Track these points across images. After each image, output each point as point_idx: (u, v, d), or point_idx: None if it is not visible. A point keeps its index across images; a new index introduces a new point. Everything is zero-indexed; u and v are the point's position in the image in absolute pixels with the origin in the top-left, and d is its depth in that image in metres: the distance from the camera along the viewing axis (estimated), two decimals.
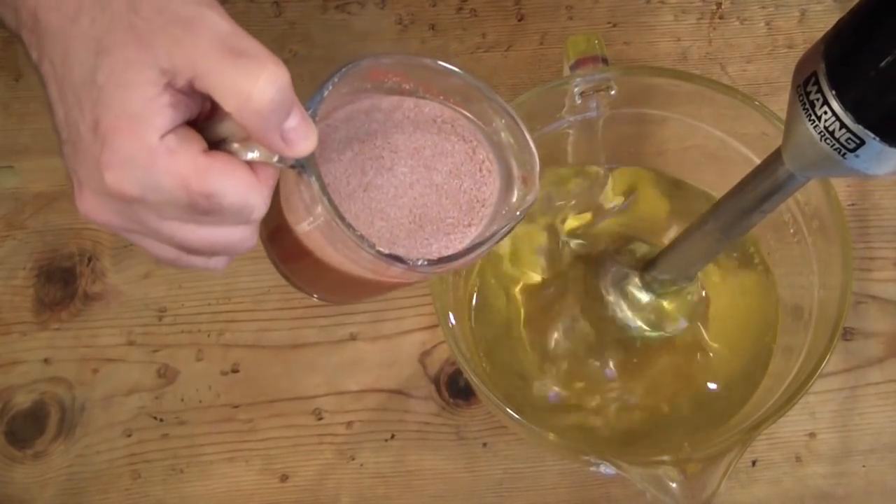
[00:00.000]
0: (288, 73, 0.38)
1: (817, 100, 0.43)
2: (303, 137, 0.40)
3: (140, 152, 0.38)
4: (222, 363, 0.71)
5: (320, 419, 0.70)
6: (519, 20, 0.80)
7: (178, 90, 0.39)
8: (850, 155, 0.43)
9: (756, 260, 0.69)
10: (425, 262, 0.44)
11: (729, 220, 0.55)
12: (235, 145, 0.40)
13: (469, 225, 0.47)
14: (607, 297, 0.66)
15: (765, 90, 0.77)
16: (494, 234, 0.45)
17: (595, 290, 0.66)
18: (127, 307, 0.73)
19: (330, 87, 0.43)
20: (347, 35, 0.79)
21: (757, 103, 0.61)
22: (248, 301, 0.73)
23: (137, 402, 0.70)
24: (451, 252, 0.46)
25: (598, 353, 0.66)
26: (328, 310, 0.72)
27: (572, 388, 0.66)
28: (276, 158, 0.40)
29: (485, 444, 0.70)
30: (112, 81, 0.38)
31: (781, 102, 0.46)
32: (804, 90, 0.44)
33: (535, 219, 0.69)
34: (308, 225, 0.44)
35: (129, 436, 0.70)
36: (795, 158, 0.47)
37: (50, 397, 0.71)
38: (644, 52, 0.79)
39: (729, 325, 0.67)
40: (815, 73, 0.43)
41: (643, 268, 0.64)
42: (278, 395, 0.71)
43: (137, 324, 0.72)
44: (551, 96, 0.63)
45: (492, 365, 0.67)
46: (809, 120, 0.43)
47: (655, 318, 0.66)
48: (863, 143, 0.42)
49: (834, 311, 0.58)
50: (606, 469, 0.62)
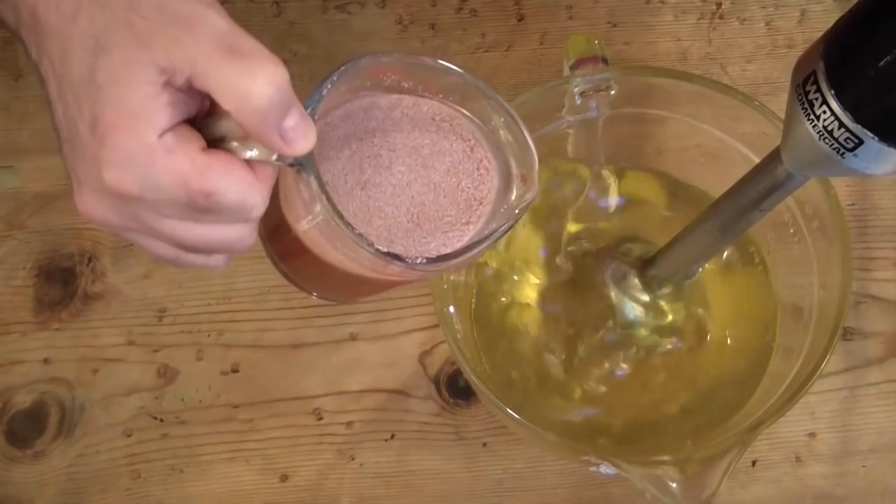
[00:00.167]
0: (286, 72, 0.39)
1: (816, 99, 0.43)
2: (301, 136, 0.40)
3: (139, 150, 0.38)
4: (222, 363, 0.71)
5: (320, 419, 0.70)
6: (519, 20, 0.80)
7: (177, 89, 0.39)
8: (848, 154, 0.43)
9: (756, 260, 0.69)
10: (424, 261, 0.44)
11: (728, 219, 0.55)
12: (234, 144, 0.40)
13: (467, 223, 0.47)
14: (607, 297, 0.66)
15: (765, 90, 0.77)
16: (493, 232, 0.45)
17: (595, 290, 0.66)
18: (127, 307, 0.73)
19: (329, 86, 0.43)
20: (347, 35, 0.79)
21: (757, 103, 0.61)
22: (248, 301, 0.73)
23: (137, 402, 0.70)
24: (449, 250, 0.46)
25: (598, 353, 0.66)
26: (328, 310, 0.72)
27: (572, 388, 0.66)
28: (274, 157, 0.40)
29: (485, 444, 0.70)
30: (111, 80, 0.38)
31: (781, 102, 0.46)
32: (803, 89, 0.43)
33: (535, 219, 0.69)
34: (307, 223, 0.44)
35: (129, 436, 0.70)
36: (794, 158, 0.47)
37: (50, 397, 0.71)
38: (644, 52, 0.79)
39: (728, 325, 0.67)
40: (814, 73, 0.43)
41: (642, 267, 0.64)
42: (278, 395, 0.71)
43: (137, 324, 0.72)
44: (551, 96, 0.63)
45: (492, 365, 0.67)
46: (808, 119, 0.43)
47: (655, 317, 0.66)
48: (861, 142, 0.42)
49: (834, 311, 0.58)
50: (606, 469, 0.62)
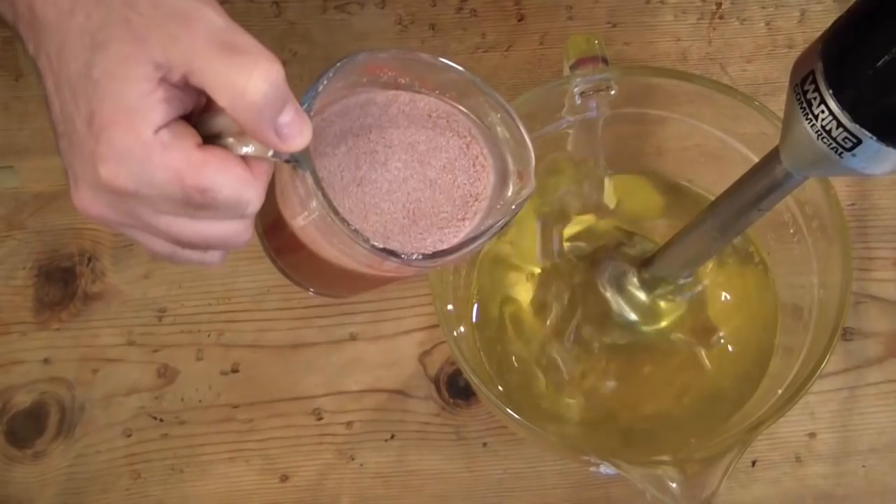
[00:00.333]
0: (282, 69, 0.39)
1: (814, 99, 0.43)
2: (297, 132, 0.40)
3: (134, 146, 0.38)
4: (222, 363, 0.71)
5: (320, 419, 0.70)
6: (519, 20, 0.80)
7: (173, 85, 0.39)
8: (846, 154, 0.43)
9: (756, 259, 0.69)
10: (420, 257, 0.44)
11: (726, 218, 0.55)
12: (230, 140, 0.40)
13: (463, 219, 0.47)
14: (606, 297, 0.66)
15: (765, 90, 0.77)
16: (489, 228, 0.45)
17: (594, 290, 0.66)
18: (127, 307, 0.73)
19: (325, 82, 0.43)
20: (347, 35, 0.79)
21: (757, 103, 0.61)
22: (247, 301, 0.73)
23: (137, 402, 0.70)
24: (445, 246, 0.46)
25: (598, 353, 0.66)
26: (328, 310, 0.72)
27: (572, 388, 0.66)
28: (270, 153, 0.40)
29: (485, 444, 0.70)
30: (107, 76, 0.38)
31: (781, 102, 0.46)
32: (801, 89, 0.43)
33: (534, 218, 0.69)
34: (303, 219, 0.44)
35: (129, 436, 0.70)
36: (793, 157, 0.47)
37: (50, 397, 0.71)
38: (644, 52, 0.79)
39: (728, 325, 0.67)
40: (812, 73, 0.43)
41: (641, 266, 0.64)
42: (278, 395, 0.71)
43: (137, 324, 0.72)
44: (551, 96, 0.63)
45: (492, 365, 0.67)
46: (807, 119, 0.43)
47: (654, 316, 0.66)
48: (860, 142, 0.42)
49: (834, 311, 0.58)
50: (606, 469, 0.62)
